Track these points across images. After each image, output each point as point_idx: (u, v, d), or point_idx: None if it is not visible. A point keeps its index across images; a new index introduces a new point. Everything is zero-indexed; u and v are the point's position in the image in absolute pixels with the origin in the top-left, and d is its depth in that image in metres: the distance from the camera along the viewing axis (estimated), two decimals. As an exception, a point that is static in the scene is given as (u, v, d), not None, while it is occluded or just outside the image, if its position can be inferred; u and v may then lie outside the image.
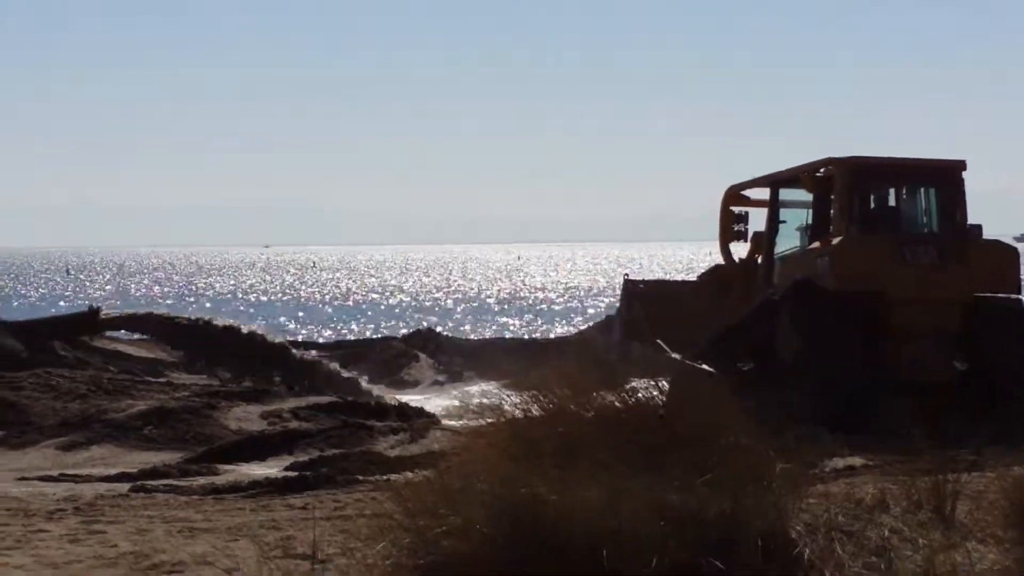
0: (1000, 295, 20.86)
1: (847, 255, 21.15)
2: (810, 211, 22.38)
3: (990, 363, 20.53)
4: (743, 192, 23.96)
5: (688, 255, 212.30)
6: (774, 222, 22.78)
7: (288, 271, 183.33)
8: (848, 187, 21.34)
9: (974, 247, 21.03)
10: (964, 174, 21.47)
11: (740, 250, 24.21)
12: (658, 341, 22.79)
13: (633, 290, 25.43)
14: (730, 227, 23.74)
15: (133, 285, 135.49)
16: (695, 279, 25.67)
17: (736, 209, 23.76)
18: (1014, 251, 21.26)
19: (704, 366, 22.24)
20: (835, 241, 21.31)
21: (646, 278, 32.53)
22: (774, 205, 22.80)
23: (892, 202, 22.18)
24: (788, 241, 22.87)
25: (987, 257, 20.97)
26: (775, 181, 22.96)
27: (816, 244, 21.57)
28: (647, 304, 24.36)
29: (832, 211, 21.67)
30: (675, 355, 22.81)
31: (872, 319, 20.63)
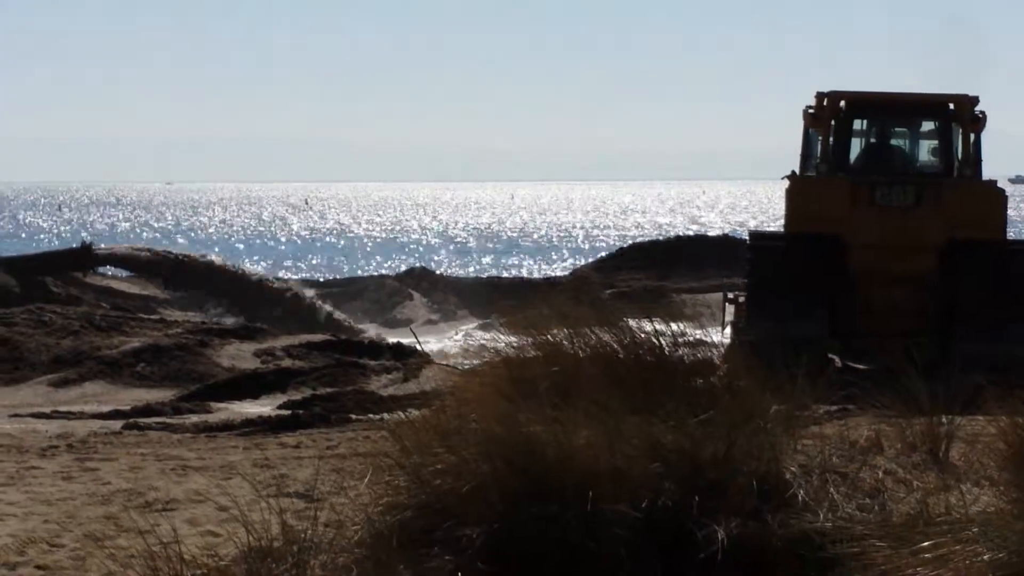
0: (978, 238, 19.60)
1: (800, 196, 20.23)
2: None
3: (956, 309, 19.56)
4: None
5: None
6: (803, 157, 21.35)
7: (281, 208, 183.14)
8: (828, 123, 20.34)
9: (953, 189, 20.05)
10: (977, 110, 20.08)
11: None
12: (730, 296, 22.35)
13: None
14: None
15: (122, 221, 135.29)
16: None
17: None
18: (999, 193, 20.09)
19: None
20: (792, 182, 20.62)
21: None
22: (804, 138, 21.24)
23: (881, 140, 21.10)
24: None
25: (967, 200, 19.91)
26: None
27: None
28: None
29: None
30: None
31: (827, 263, 19.73)
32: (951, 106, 20.42)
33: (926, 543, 6.28)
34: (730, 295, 22.07)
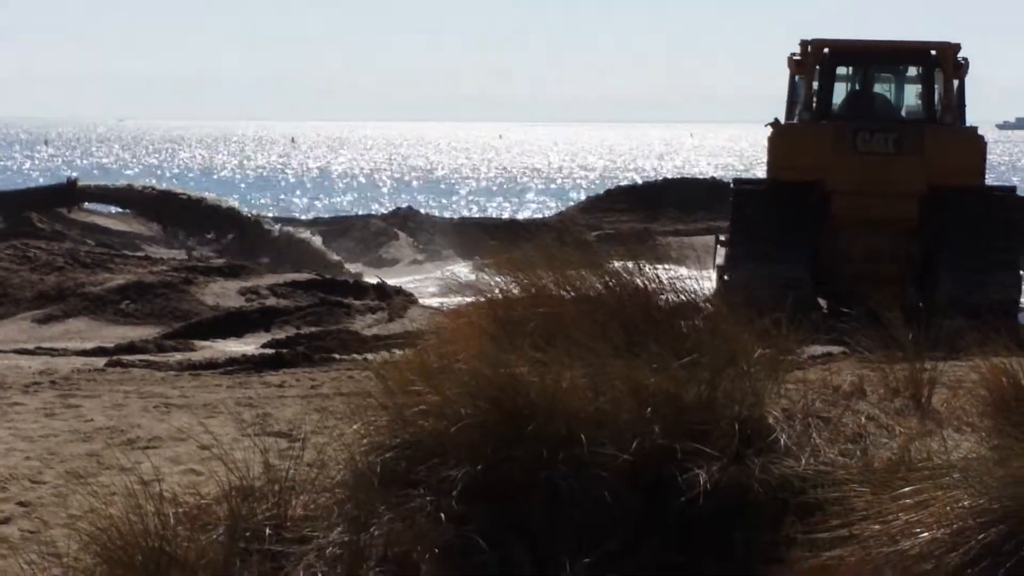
0: (958, 185, 19.84)
1: (783, 143, 20.53)
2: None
3: (937, 255, 19.81)
4: None
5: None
6: (789, 104, 21.56)
7: (268, 146, 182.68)
8: (810, 71, 20.51)
9: (933, 136, 20.16)
10: (960, 57, 20.27)
11: None
12: (721, 238, 22.50)
13: None
14: None
15: (105, 156, 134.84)
16: None
17: None
18: (979, 140, 20.22)
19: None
20: (775, 128, 20.73)
21: None
22: (790, 85, 21.44)
23: (864, 87, 21.27)
24: None
25: (947, 146, 20.06)
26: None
27: None
28: None
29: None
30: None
31: (810, 210, 19.89)
32: (933, 53, 20.55)
33: (907, 488, 6.30)
34: (721, 237, 22.19)
